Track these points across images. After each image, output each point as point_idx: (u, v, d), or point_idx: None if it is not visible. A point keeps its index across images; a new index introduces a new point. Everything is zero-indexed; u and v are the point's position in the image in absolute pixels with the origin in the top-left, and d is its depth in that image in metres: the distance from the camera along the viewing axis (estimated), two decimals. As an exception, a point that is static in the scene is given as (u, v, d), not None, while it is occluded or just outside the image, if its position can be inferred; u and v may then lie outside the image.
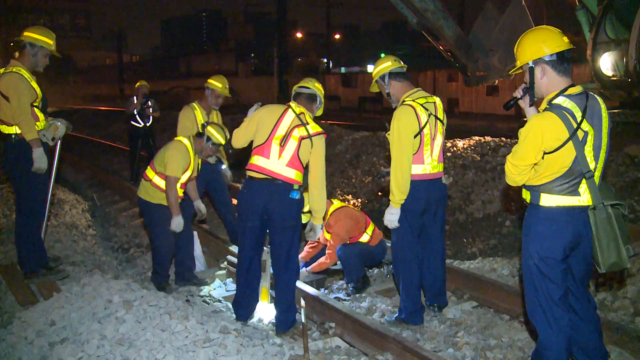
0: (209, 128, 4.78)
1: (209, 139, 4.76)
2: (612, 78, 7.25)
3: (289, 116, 3.88)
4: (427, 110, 3.78)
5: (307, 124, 3.88)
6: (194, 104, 5.85)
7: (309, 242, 5.12)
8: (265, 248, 4.15)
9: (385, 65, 3.95)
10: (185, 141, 4.74)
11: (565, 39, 2.75)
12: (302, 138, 3.84)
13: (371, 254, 4.94)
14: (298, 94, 4.05)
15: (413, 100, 3.79)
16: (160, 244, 4.81)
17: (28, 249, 4.50)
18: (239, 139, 4.00)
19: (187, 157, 4.67)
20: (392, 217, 3.83)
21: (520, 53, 2.81)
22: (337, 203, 5.00)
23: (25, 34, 4.34)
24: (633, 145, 6.52)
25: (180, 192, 4.76)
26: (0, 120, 4.35)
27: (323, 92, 4.14)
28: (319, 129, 3.92)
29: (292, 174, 3.83)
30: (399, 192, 3.75)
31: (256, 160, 3.85)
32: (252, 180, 3.87)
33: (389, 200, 3.83)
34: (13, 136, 4.34)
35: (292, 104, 3.97)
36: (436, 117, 3.84)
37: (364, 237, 4.93)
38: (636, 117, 7.23)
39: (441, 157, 3.92)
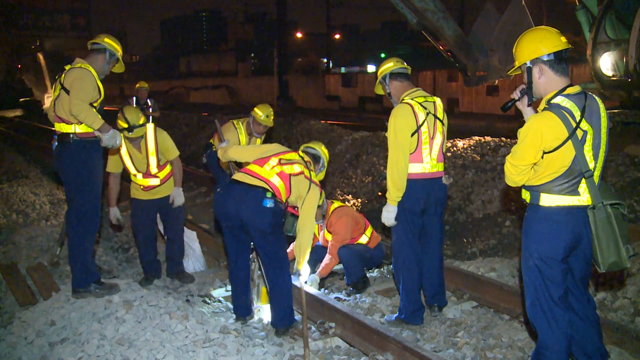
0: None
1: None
2: (612, 78, 7.23)
3: (296, 156, 4.01)
4: (425, 109, 3.78)
5: (311, 171, 4.00)
6: (241, 125, 5.88)
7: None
8: None
9: (387, 65, 4.00)
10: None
11: (563, 39, 2.75)
12: (305, 175, 3.92)
13: (370, 255, 4.95)
14: (304, 152, 4.22)
15: (411, 99, 3.80)
16: (134, 234, 5.25)
17: (80, 262, 3.96)
18: (240, 156, 4.20)
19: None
20: (389, 214, 3.84)
21: (518, 53, 2.82)
22: (336, 203, 5.01)
23: (107, 40, 4.12)
24: (633, 145, 6.52)
25: (145, 182, 4.97)
26: (60, 118, 3.93)
27: (328, 158, 4.37)
28: (318, 181, 4.05)
29: (277, 182, 3.82)
30: (394, 189, 3.76)
31: (250, 166, 3.94)
32: (231, 184, 3.89)
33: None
34: (71, 135, 3.90)
35: (301, 152, 4.14)
36: (435, 117, 3.84)
37: (362, 238, 4.94)
38: (636, 117, 7.22)
39: (441, 157, 3.91)
